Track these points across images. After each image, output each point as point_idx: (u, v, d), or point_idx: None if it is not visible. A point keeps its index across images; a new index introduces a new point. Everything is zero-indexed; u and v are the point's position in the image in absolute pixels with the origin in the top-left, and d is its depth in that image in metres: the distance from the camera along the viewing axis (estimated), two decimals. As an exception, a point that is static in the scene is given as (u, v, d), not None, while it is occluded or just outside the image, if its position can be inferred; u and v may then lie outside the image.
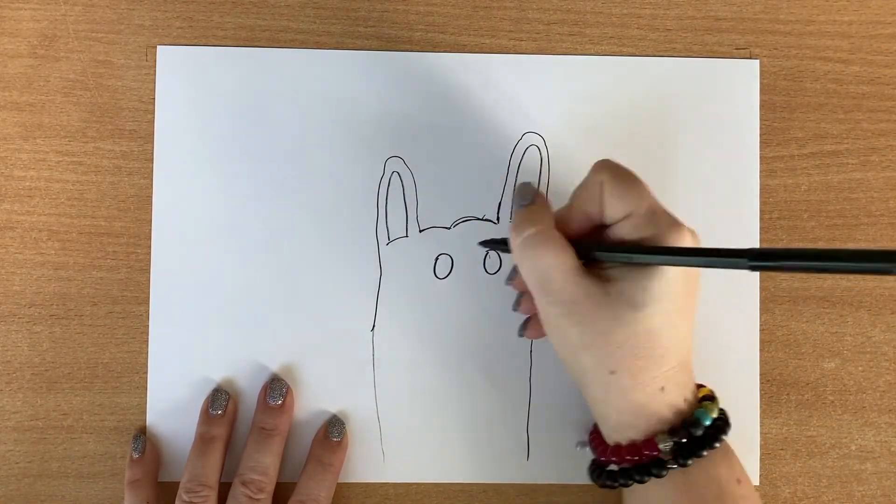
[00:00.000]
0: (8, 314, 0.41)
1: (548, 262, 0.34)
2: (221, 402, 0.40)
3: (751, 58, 0.42)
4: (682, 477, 0.34)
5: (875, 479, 0.41)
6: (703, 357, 0.39)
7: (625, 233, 0.34)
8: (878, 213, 0.42)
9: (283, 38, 0.41)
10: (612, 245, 0.34)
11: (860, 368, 0.41)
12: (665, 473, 0.34)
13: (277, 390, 0.40)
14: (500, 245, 0.38)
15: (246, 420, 0.40)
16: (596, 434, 0.37)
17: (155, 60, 0.41)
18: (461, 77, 0.41)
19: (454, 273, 0.41)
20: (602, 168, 0.35)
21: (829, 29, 0.42)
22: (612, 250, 0.34)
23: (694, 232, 0.34)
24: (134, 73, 0.41)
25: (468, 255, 0.41)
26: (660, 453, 0.34)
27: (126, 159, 0.41)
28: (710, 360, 0.40)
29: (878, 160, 0.42)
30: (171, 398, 0.40)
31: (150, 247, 0.41)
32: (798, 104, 0.42)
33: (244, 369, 0.41)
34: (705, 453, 0.33)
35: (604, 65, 0.41)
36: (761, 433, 0.41)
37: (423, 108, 0.41)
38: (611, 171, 0.34)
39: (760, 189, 0.41)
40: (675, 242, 0.33)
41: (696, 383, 0.36)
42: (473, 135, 0.41)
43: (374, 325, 0.41)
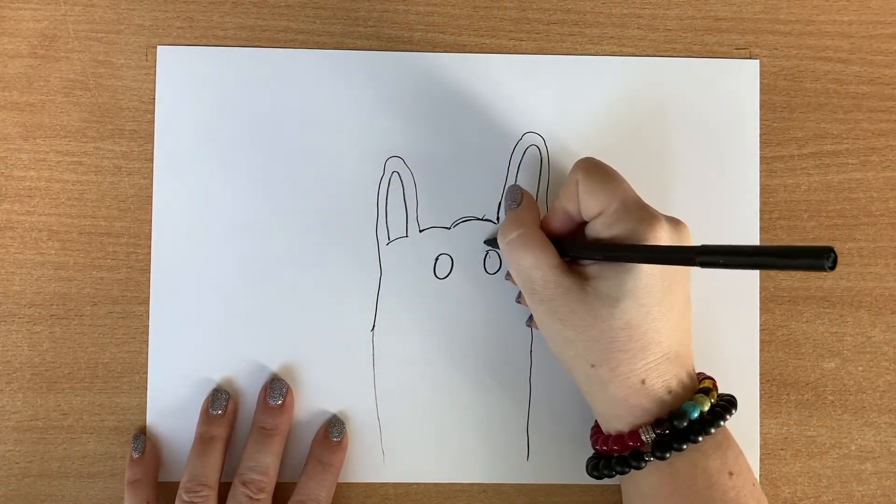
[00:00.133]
0: (8, 314, 0.41)
1: (529, 262, 0.35)
2: (221, 402, 0.40)
3: (751, 58, 0.42)
4: (668, 467, 0.34)
5: (875, 479, 0.41)
6: (704, 357, 0.39)
7: (599, 230, 0.35)
8: (878, 213, 0.42)
9: (283, 38, 0.41)
10: (588, 243, 0.35)
11: (860, 368, 0.41)
12: (643, 465, 0.34)
13: (277, 390, 0.40)
14: None
15: (246, 420, 0.40)
16: (596, 425, 0.38)
17: (155, 60, 0.41)
18: (461, 77, 0.41)
19: (454, 273, 0.41)
20: (578, 166, 0.36)
21: (829, 29, 0.42)
22: (578, 249, 0.35)
23: (677, 222, 0.35)
24: (134, 73, 0.41)
25: (468, 255, 0.41)
26: (643, 445, 0.34)
27: (126, 159, 0.41)
28: (711, 360, 0.40)
29: (878, 160, 0.42)
30: (171, 398, 0.40)
31: (150, 247, 0.41)
32: (798, 104, 0.42)
33: (244, 369, 0.41)
34: (685, 447, 0.33)
35: (604, 65, 0.41)
36: (761, 433, 0.41)
37: (423, 108, 0.41)
38: (585, 170, 0.35)
39: (760, 189, 0.41)
40: (649, 237, 0.33)
41: (703, 375, 0.37)
42: (473, 135, 0.41)
43: (374, 325, 0.41)
